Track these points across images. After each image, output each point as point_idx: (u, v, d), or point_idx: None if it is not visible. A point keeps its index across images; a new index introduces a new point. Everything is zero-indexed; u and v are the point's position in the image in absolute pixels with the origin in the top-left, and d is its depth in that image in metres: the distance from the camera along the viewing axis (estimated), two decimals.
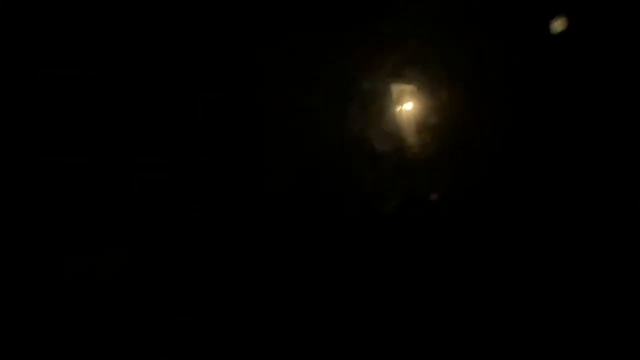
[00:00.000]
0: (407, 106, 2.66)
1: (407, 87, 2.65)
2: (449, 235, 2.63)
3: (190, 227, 2.62)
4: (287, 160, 2.63)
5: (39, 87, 2.66)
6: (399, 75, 2.65)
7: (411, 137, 2.66)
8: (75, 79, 2.64)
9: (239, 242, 2.62)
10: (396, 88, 2.64)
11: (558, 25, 2.43)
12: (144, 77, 2.64)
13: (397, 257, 2.62)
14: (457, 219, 2.62)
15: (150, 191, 2.63)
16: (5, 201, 2.62)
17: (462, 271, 2.60)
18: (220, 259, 2.62)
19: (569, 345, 2.53)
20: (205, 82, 2.66)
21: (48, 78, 2.65)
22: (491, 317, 2.57)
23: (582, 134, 2.59)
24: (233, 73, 2.67)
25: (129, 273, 2.58)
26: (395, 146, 2.64)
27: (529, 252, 2.59)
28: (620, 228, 2.58)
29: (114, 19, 2.65)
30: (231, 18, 2.63)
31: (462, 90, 2.63)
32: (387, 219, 2.64)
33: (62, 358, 2.55)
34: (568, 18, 2.58)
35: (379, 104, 2.66)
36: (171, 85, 2.66)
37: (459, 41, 2.61)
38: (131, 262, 2.58)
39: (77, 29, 2.65)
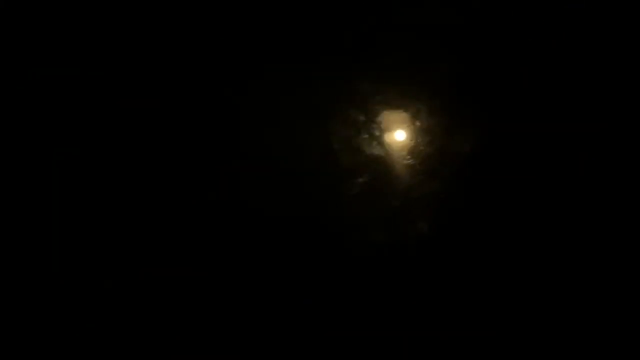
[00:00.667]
0: (392, 132, 2.68)
1: (392, 114, 2.67)
2: (434, 257, 2.62)
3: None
4: (273, 184, 2.63)
5: (37, 87, 2.66)
6: (382, 102, 2.67)
7: (393, 160, 2.67)
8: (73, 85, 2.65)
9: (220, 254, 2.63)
10: (380, 114, 2.67)
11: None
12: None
13: (379, 278, 2.62)
14: (443, 242, 2.62)
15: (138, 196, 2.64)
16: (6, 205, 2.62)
17: (445, 295, 2.60)
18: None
19: None
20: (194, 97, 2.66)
21: (46, 78, 2.65)
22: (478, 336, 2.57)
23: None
24: (222, 95, 2.67)
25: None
26: (376, 168, 2.65)
27: (514, 271, 2.59)
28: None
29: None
30: (229, 40, 2.65)
31: (444, 113, 2.64)
32: (369, 241, 2.64)
33: None
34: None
35: (363, 129, 2.67)
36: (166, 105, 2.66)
37: (439, 66, 2.63)
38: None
39: (78, 33, 2.65)
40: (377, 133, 2.65)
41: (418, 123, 2.65)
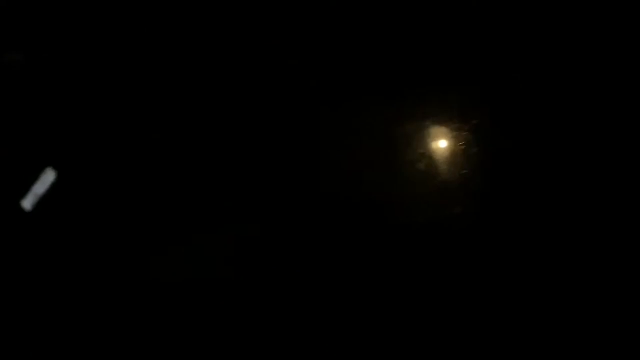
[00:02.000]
0: (441, 144, 2.85)
1: (440, 130, 2.84)
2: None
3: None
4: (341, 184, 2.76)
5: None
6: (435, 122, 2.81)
7: (445, 169, 2.80)
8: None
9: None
10: (431, 131, 2.85)
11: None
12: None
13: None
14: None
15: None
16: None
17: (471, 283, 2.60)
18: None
19: None
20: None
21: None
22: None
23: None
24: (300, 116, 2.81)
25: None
26: (427, 174, 2.78)
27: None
28: None
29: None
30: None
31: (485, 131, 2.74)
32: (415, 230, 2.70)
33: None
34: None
35: (417, 142, 2.80)
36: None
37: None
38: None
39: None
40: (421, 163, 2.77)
41: (466, 127, 2.74)
